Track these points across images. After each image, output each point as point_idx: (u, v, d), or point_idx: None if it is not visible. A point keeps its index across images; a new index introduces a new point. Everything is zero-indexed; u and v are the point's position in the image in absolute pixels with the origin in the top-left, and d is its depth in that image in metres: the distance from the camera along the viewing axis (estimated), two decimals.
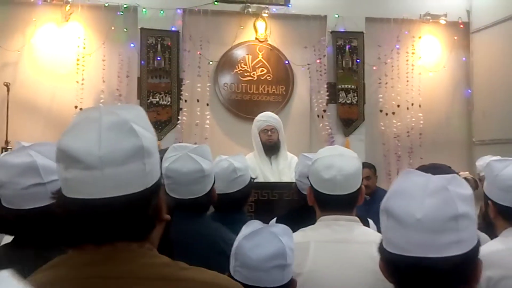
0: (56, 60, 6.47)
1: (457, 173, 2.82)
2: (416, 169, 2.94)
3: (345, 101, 6.98)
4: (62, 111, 6.36)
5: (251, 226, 1.80)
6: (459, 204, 1.22)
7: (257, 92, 6.94)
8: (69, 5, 6.40)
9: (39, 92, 6.44)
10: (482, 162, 4.92)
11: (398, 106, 7.18)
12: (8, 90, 6.07)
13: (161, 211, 1.14)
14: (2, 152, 5.04)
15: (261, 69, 6.95)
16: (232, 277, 1.70)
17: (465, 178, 5.03)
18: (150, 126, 1.14)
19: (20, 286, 0.66)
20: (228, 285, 1.15)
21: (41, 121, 6.33)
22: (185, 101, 6.67)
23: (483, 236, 2.61)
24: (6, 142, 5.92)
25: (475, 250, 1.25)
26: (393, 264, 1.26)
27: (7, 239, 2.10)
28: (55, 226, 1.59)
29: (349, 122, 7.00)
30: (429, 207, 1.21)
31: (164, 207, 1.15)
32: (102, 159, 1.04)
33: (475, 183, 4.66)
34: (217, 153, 2.76)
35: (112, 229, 1.08)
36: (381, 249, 1.30)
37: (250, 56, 6.93)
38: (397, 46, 7.20)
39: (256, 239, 1.74)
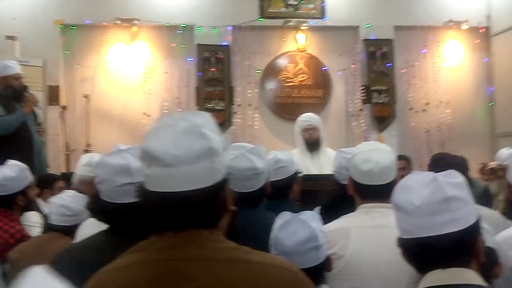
0: (126, 74, 6.62)
1: (463, 159, 2.77)
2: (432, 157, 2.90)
3: (378, 101, 6.89)
4: (133, 117, 6.52)
5: (283, 218, 1.81)
6: (448, 189, 1.29)
7: (298, 95, 6.92)
8: (135, 26, 6.54)
9: (113, 102, 6.61)
10: (499, 154, 4.83)
11: (427, 104, 7.03)
12: (87, 101, 6.26)
13: (227, 203, 1.16)
14: (84, 153, 5.19)
15: (301, 75, 6.93)
16: None
17: (492, 168, 4.90)
18: (217, 129, 1.15)
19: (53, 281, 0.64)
20: (285, 265, 1.15)
21: (115, 126, 6.50)
22: (238, 105, 6.72)
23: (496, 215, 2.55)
24: (88, 145, 6.11)
25: (474, 227, 1.30)
26: (405, 247, 1.33)
27: (89, 225, 2.17)
28: (143, 218, 1.64)
29: (382, 119, 6.90)
30: (424, 195, 1.29)
31: (230, 199, 1.17)
32: (177, 158, 1.08)
33: (502, 172, 4.52)
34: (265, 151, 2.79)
35: (186, 217, 1.10)
36: (398, 238, 1.36)
37: (292, 64, 6.93)
38: (424, 51, 7.05)
39: (289, 228, 1.74)
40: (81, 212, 2.52)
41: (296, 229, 1.73)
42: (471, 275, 1.27)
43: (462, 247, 1.28)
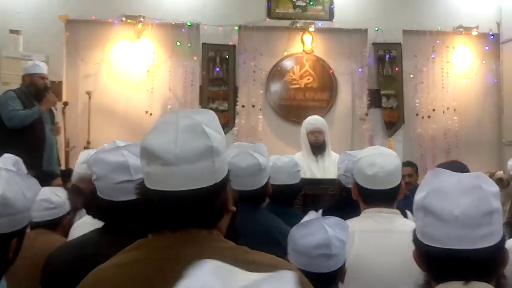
0: (130, 71, 6.63)
1: (467, 170, 2.74)
2: (437, 166, 2.86)
3: (387, 106, 6.88)
4: (135, 115, 6.53)
5: (309, 216, 1.81)
6: (492, 200, 1.22)
7: (303, 98, 6.91)
8: (141, 24, 6.55)
9: (116, 99, 6.61)
10: (510, 162, 4.75)
11: (434, 110, 7.01)
12: (89, 98, 6.27)
13: (228, 203, 1.15)
14: (84, 149, 5.20)
15: (307, 77, 6.92)
16: (288, 260, 1.70)
17: (500, 178, 4.87)
18: (220, 128, 1.15)
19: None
20: (286, 266, 1.14)
21: (117, 124, 6.50)
22: (243, 106, 6.71)
23: None
24: (88, 142, 6.11)
25: (503, 239, 1.26)
26: (432, 256, 1.25)
27: (83, 221, 2.16)
28: (140, 216, 1.63)
29: (390, 124, 6.88)
30: (465, 204, 1.20)
31: (231, 199, 1.16)
32: (178, 157, 1.06)
33: (508, 181, 4.50)
34: (268, 153, 2.79)
35: (185, 217, 1.10)
36: (417, 241, 1.28)
37: (298, 66, 6.92)
38: (433, 56, 7.03)
39: (307, 228, 1.74)
40: (63, 204, 2.57)
41: (312, 232, 1.72)
42: None
43: (494, 262, 1.24)
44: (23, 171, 3.18)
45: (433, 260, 1.25)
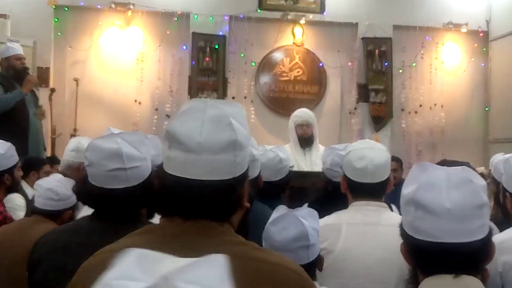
0: (118, 59, 6.56)
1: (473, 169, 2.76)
2: (438, 163, 2.86)
3: (375, 100, 6.90)
4: (123, 104, 6.48)
5: (279, 211, 1.80)
6: (482, 194, 1.23)
7: (293, 90, 6.91)
8: (130, 11, 6.48)
9: (104, 86, 6.54)
10: (492, 159, 4.80)
11: (421, 106, 7.06)
12: (77, 85, 6.20)
13: (243, 199, 1.14)
14: (71, 138, 5.15)
15: (297, 70, 6.91)
16: None
17: (481, 174, 4.91)
18: (246, 122, 1.14)
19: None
20: (293, 267, 1.12)
21: (105, 112, 6.44)
22: (233, 98, 6.68)
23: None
24: (75, 130, 6.05)
25: (491, 232, 1.27)
26: (423, 250, 1.24)
27: (85, 211, 2.14)
28: (132, 205, 1.62)
29: (378, 119, 6.91)
30: (457, 198, 1.20)
31: (247, 196, 1.15)
32: (200, 145, 1.06)
33: (487, 177, 4.54)
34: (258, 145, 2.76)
35: (198, 207, 1.08)
36: (406, 235, 1.28)
37: (288, 59, 6.91)
38: (422, 52, 7.06)
39: (281, 223, 1.73)
40: (68, 197, 2.50)
41: (287, 225, 1.71)
42: (480, 286, 1.23)
43: (483, 255, 1.24)
44: (15, 157, 3.14)
45: (424, 254, 1.24)
